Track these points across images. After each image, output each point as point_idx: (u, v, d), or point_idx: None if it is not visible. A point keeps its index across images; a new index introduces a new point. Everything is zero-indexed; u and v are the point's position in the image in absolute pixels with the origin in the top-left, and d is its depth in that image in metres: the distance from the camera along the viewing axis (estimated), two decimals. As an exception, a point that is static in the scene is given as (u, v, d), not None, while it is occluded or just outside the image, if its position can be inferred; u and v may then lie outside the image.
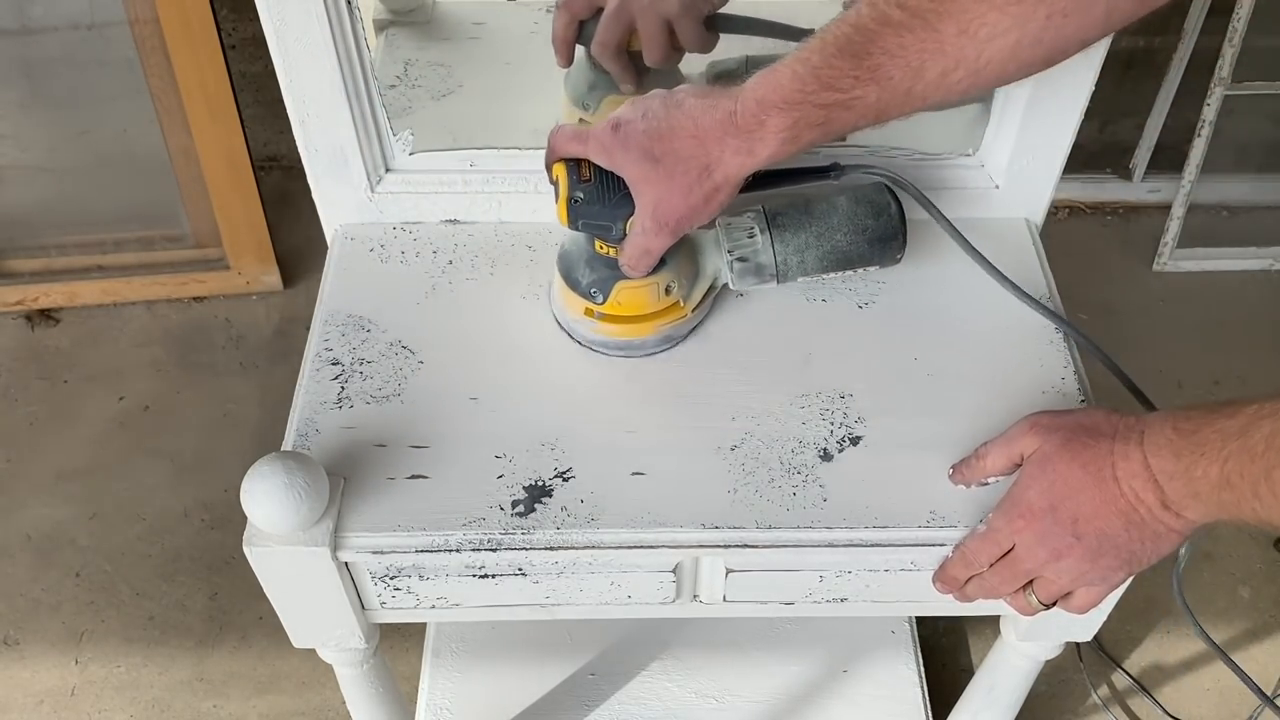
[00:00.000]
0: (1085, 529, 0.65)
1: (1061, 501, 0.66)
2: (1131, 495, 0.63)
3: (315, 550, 0.71)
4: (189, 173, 1.60)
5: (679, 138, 0.69)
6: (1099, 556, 0.66)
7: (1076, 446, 0.66)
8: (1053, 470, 0.66)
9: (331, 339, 0.84)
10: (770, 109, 0.67)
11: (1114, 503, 0.64)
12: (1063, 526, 0.66)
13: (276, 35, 0.77)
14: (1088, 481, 0.65)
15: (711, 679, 1.22)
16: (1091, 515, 0.65)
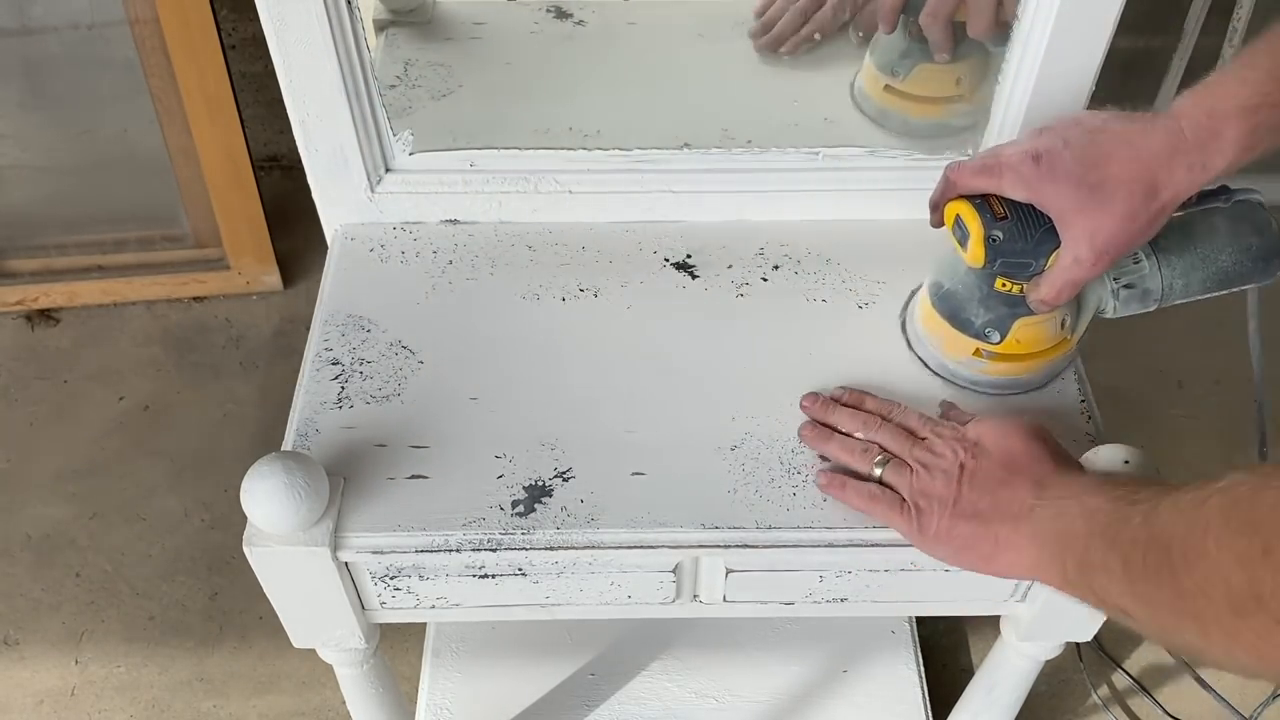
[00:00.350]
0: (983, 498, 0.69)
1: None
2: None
3: (315, 550, 0.71)
4: (189, 173, 1.60)
5: (1116, 162, 0.67)
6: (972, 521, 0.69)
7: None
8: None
9: (331, 339, 0.84)
10: (1226, 118, 0.65)
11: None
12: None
13: (276, 35, 0.77)
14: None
15: (711, 679, 1.22)
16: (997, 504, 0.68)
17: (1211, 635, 0.52)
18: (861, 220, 0.91)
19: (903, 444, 0.73)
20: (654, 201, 0.90)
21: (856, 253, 0.89)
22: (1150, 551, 0.56)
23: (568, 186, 0.89)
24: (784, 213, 0.91)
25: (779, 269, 0.89)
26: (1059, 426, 0.79)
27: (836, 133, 0.92)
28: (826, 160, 0.89)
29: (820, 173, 0.90)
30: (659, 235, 0.91)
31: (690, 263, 0.89)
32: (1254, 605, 0.49)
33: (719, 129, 0.92)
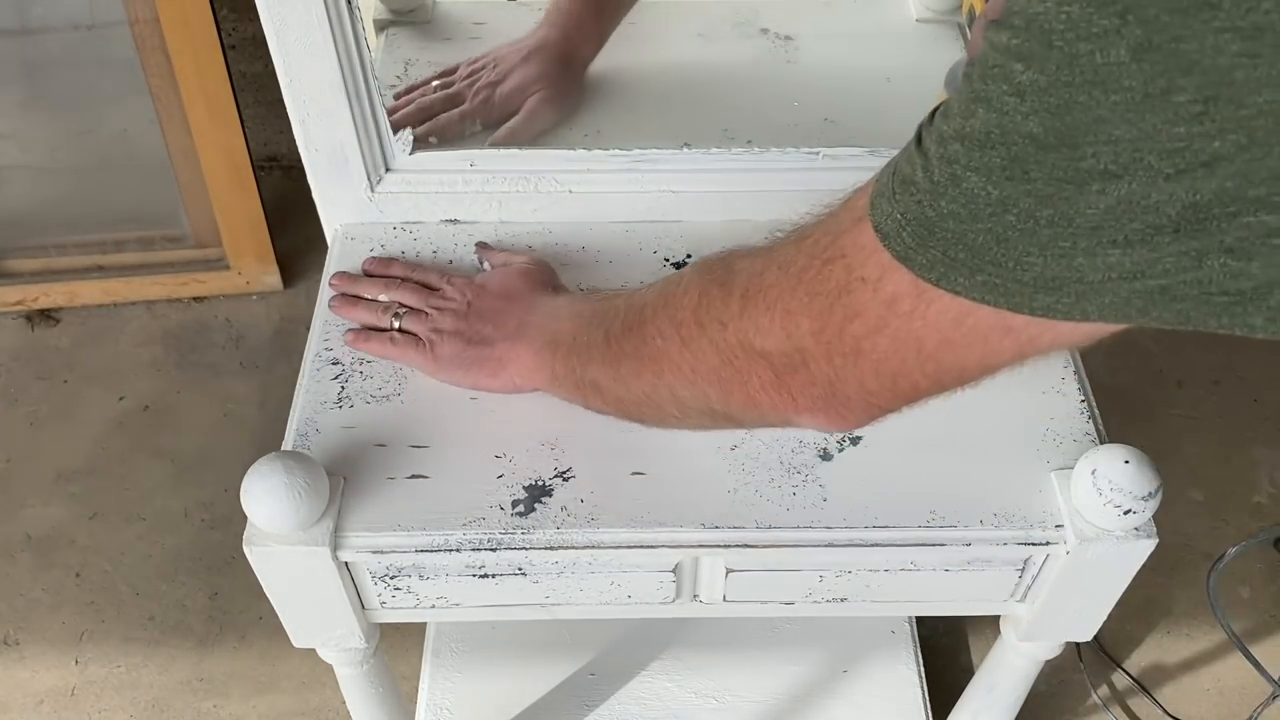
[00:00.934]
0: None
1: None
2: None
3: (315, 550, 0.71)
4: (189, 173, 1.60)
5: None
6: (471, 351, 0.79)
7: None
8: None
9: (331, 339, 0.84)
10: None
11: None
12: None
13: (276, 35, 0.77)
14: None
15: (711, 679, 1.22)
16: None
17: (665, 373, 0.61)
18: (861, 220, 0.91)
19: (419, 297, 0.82)
20: (654, 201, 0.90)
21: (856, 253, 0.89)
22: (628, 314, 0.65)
23: (568, 186, 0.89)
24: (784, 213, 0.91)
25: (779, 269, 0.89)
26: (1060, 426, 0.79)
27: (836, 133, 0.92)
28: (826, 160, 0.89)
29: (820, 173, 0.89)
30: (659, 235, 0.91)
31: (690, 263, 0.89)
32: (698, 330, 0.58)
33: (719, 129, 0.91)
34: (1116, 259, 0.39)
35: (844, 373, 0.51)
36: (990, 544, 0.74)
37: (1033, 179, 0.38)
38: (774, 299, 0.53)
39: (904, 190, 0.43)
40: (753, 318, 0.54)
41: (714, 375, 0.58)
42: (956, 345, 0.46)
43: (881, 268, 0.46)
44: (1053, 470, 0.76)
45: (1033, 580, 0.78)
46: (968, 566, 0.76)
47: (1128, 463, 0.70)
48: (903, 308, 0.46)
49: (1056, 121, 0.36)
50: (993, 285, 0.42)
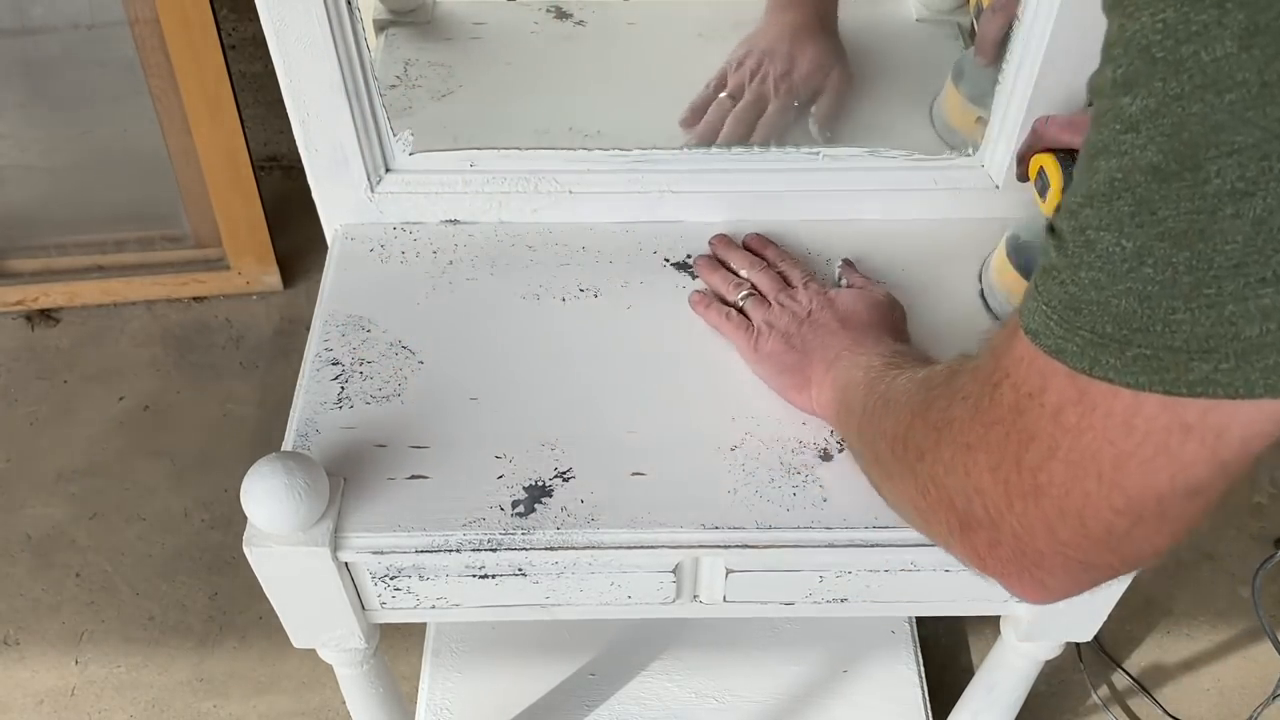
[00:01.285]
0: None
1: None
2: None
3: (315, 550, 0.71)
4: (189, 173, 1.60)
5: None
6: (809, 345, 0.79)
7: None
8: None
9: (331, 339, 0.84)
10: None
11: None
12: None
13: (276, 35, 0.77)
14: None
15: (711, 679, 1.22)
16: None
17: (884, 479, 0.61)
18: (861, 220, 0.91)
19: (772, 286, 0.83)
20: (654, 201, 0.90)
21: (857, 253, 0.89)
22: (881, 398, 0.63)
23: (568, 186, 0.89)
24: (784, 213, 0.91)
25: (779, 269, 0.89)
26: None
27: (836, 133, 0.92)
28: (826, 160, 0.89)
29: (820, 173, 0.90)
30: (659, 235, 0.91)
31: (690, 263, 0.89)
32: (903, 450, 0.55)
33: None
34: (1271, 301, 0.34)
35: (1027, 520, 0.44)
36: (990, 544, 0.74)
37: (1161, 218, 0.35)
38: (956, 433, 0.48)
39: (1045, 280, 0.40)
40: (939, 452, 0.50)
41: (913, 504, 0.54)
42: (1134, 460, 0.40)
43: (1042, 375, 0.41)
44: (1053, 470, 0.76)
45: (1033, 580, 0.78)
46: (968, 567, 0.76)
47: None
48: (1069, 420, 0.41)
49: (1174, 143, 0.34)
50: (1144, 359, 0.37)
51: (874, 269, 0.88)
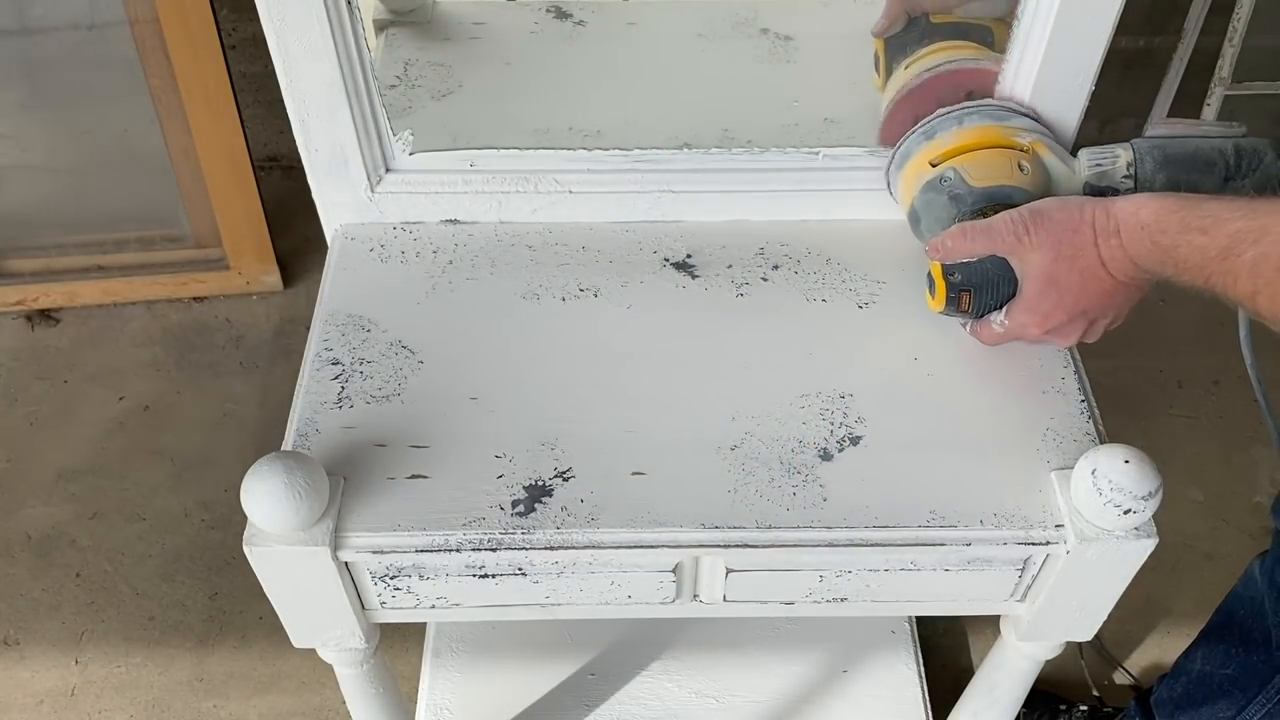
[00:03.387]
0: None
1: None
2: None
3: (315, 550, 0.71)
4: (189, 173, 1.60)
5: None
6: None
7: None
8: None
9: (331, 339, 0.84)
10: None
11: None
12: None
13: (276, 35, 0.77)
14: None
15: (711, 679, 1.22)
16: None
17: None
18: (861, 220, 0.91)
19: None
20: (654, 201, 0.90)
21: (856, 253, 0.89)
22: None
23: (568, 186, 0.89)
24: (784, 213, 0.91)
25: (779, 269, 0.89)
26: (1060, 426, 0.79)
27: (836, 133, 0.92)
28: (826, 160, 0.89)
29: (820, 173, 0.90)
30: (659, 235, 0.91)
31: (690, 263, 0.89)
32: None
33: (719, 129, 0.91)
34: None
35: None
36: (990, 544, 0.74)
37: None
38: None
39: None
40: None
41: None
42: None
43: None
44: (1053, 470, 0.76)
45: (1033, 580, 0.78)
46: (968, 566, 0.76)
47: (1128, 462, 0.70)
48: None
49: None
50: None
51: (873, 268, 0.88)
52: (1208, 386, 1.62)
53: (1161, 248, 0.70)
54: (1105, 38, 0.78)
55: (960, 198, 0.79)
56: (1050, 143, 0.82)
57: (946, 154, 0.81)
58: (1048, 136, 0.82)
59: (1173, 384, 1.61)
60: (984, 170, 0.79)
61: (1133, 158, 0.80)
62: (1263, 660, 0.99)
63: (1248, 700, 1.01)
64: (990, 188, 0.79)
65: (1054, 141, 0.82)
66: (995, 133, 0.81)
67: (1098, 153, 0.81)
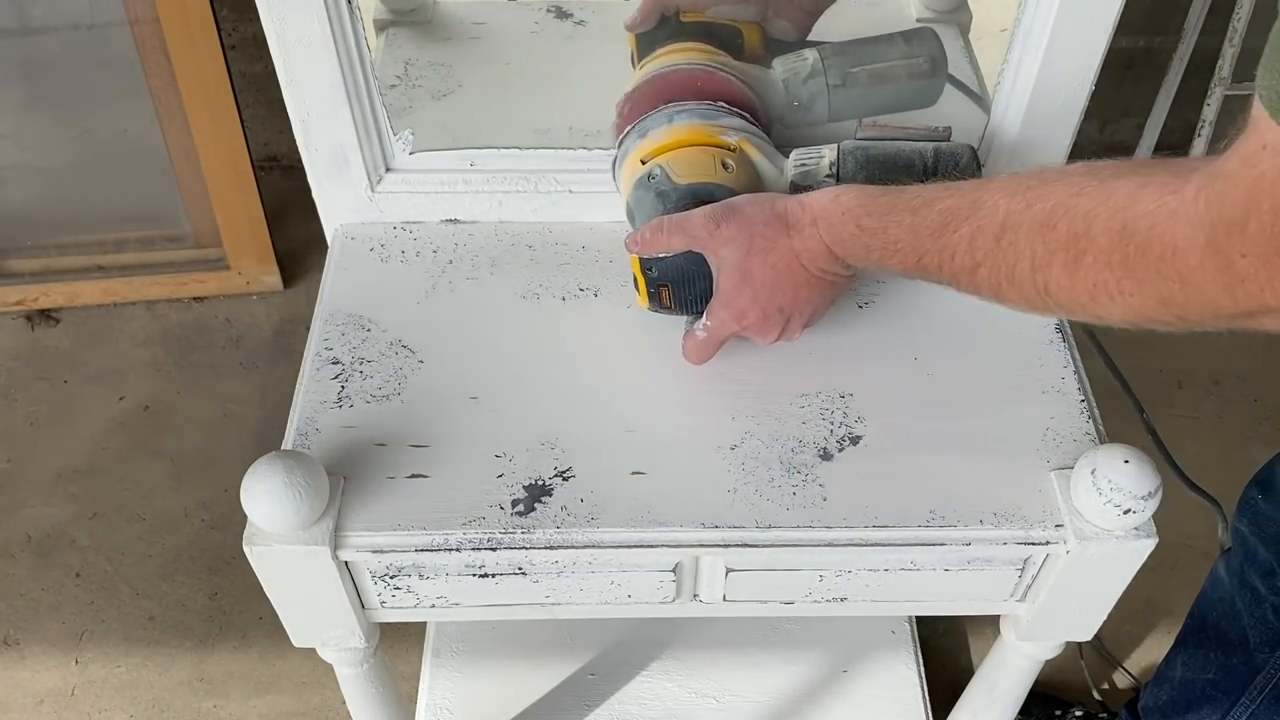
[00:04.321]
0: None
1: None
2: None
3: (315, 549, 0.71)
4: (189, 173, 1.61)
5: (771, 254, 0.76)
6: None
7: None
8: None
9: (331, 339, 0.84)
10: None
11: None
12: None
13: (276, 35, 0.77)
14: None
15: (711, 679, 1.22)
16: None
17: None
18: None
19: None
20: (654, 201, 0.90)
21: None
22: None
23: (568, 186, 0.89)
24: (784, 212, 0.91)
25: (779, 269, 0.89)
26: (1060, 426, 0.79)
27: (836, 132, 0.92)
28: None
29: (820, 172, 0.89)
30: (659, 235, 0.91)
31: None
32: None
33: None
34: None
35: None
36: (990, 544, 0.74)
37: None
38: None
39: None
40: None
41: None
42: None
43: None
44: (1052, 470, 0.76)
45: (1033, 580, 0.78)
46: (968, 566, 0.76)
47: (1127, 463, 0.70)
48: None
49: None
50: None
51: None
52: (1208, 386, 1.62)
53: (868, 230, 0.69)
54: (1105, 38, 0.78)
55: (666, 194, 0.79)
56: (760, 143, 0.82)
57: (655, 151, 0.81)
58: (758, 137, 0.82)
59: (1173, 384, 1.61)
60: (688, 167, 0.79)
61: (836, 157, 0.80)
62: (1242, 662, 0.99)
63: (1232, 703, 1.00)
64: (694, 185, 0.78)
65: (765, 142, 0.82)
66: (702, 131, 0.80)
67: (804, 153, 0.81)
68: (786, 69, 0.86)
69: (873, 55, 0.85)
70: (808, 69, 0.85)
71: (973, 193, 0.65)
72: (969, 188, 0.65)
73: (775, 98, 0.86)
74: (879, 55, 0.85)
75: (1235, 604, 0.99)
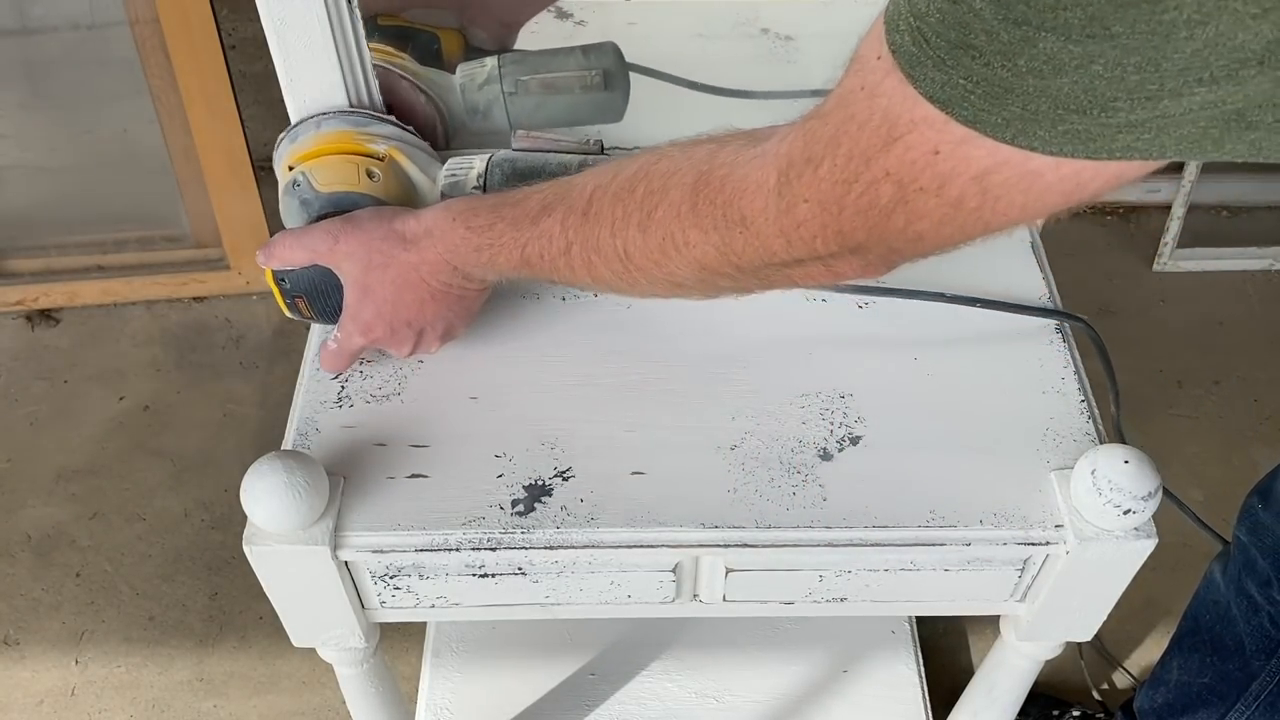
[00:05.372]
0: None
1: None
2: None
3: (315, 549, 0.71)
4: (189, 173, 1.61)
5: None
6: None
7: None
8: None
9: (331, 339, 0.83)
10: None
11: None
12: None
13: (276, 35, 0.77)
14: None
15: (711, 679, 1.22)
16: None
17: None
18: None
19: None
20: (654, 201, 0.90)
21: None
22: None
23: (568, 186, 0.89)
24: (784, 212, 0.91)
25: (779, 269, 0.89)
26: (1060, 426, 0.79)
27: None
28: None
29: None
30: (659, 235, 0.91)
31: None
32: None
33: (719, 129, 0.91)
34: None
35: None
36: (990, 544, 0.74)
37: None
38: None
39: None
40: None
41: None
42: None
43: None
44: (1052, 470, 0.76)
45: (1032, 580, 0.78)
46: (968, 566, 0.76)
47: (1127, 463, 0.70)
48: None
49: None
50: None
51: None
52: (1208, 386, 1.62)
53: (475, 229, 0.70)
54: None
55: (309, 203, 0.78)
56: (414, 151, 0.81)
57: (301, 158, 0.80)
58: (412, 145, 0.81)
59: (1173, 384, 1.61)
60: (330, 175, 0.78)
61: (484, 168, 0.80)
62: (1238, 668, 0.99)
63: (1228, 708, 1.01)
64: (336, 193, 0.77)
65: (420, 150, 0.81)
66: (348, 138, 0.79)
67: (456, 163, 0.81)
68: (464, 75, 0.85)
69: (548, 65, 0.85)
70: (484, 75, 0.85)
71: (569, 179, 0.66)
72: (566, 181, 0.67)
73: (454, 104, 0.86)
74: (554, 65, 0.85)
75: (1231, 610, 0.99)
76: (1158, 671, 1.13)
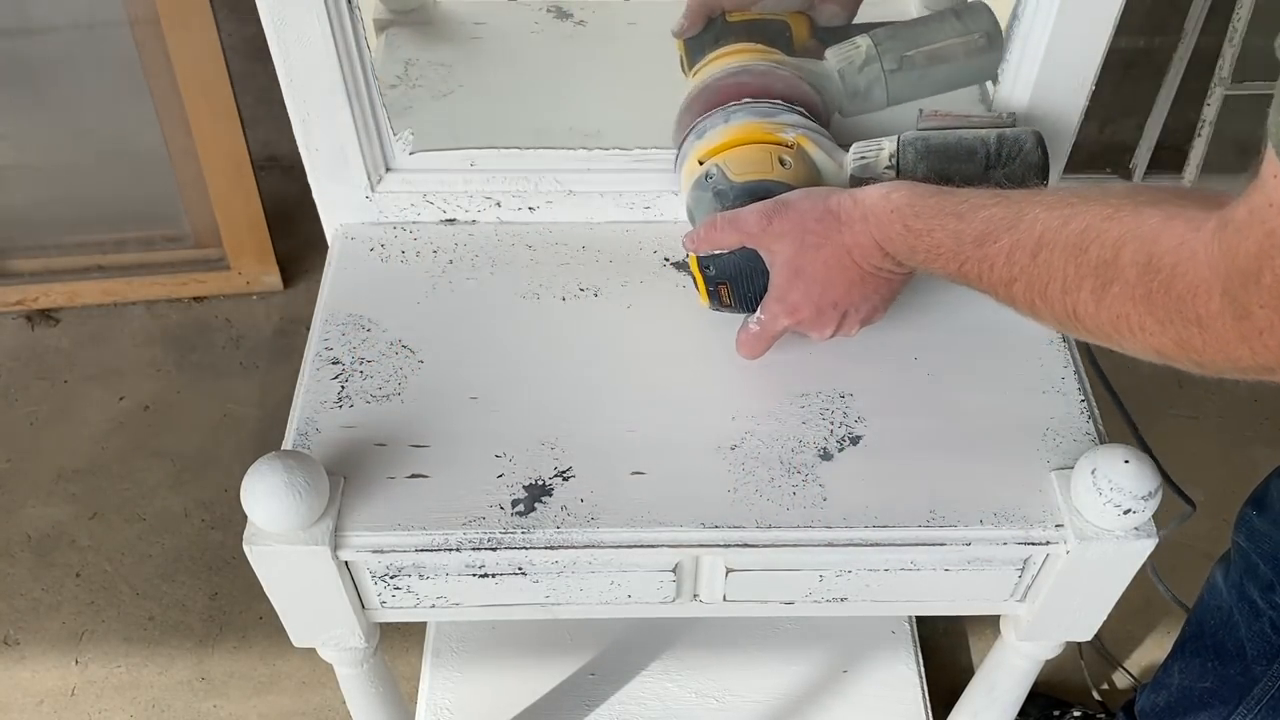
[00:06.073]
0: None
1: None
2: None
3: (315, 549, 0.71)
4: (189, 173, 1.61)
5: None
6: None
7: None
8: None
9: (331, 339, 0.84)
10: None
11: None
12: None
13: (276, 35, 0.77)
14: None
15: (711, 679, 1.22)
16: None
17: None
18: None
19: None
20: (654, 201, 0.90)
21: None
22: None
23: (568, 186, 0.89)
24: (784, 212, 0.91)
25: (779, 269, 0.89)
26: (1060, 426, 0.79)
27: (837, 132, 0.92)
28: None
29: (820, 172, 0.89)
30: (659, 235, 0.91)
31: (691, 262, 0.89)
32: None
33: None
34: None
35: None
36: (990, 544, 0.74)
37: None
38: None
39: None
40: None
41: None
42: None
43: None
44: (1052, 470, 0.76)
45: (1033, 580, 0.78)
46: (968, 566, 0.76)
47: (1127, 462, 0.70)
48: None
49: None
50: None
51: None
52: (1208, 386, 1.62)
53: (915, 232, 0.69)
54: (1105, 38, 0.78)
55: (723, 193, 0.79)
56: (818, 138, 0.81)
57: (712, 151, 0.80)
58: (816, 132, 0.81)
59: (1173, 384, 1.61)
60: (744, 165, 0.79)
61: (896, 149, 0.79)
62: (1239, 673, 0.99)
63: (1230, 712, 1.00)
64: (750, 182, 0.78)
65: (823, 137, 0.82)
66: (758, 128, 0.80)
67: (864, 146, 0.81)
68: (840, 59, 0.85)
69: (927, 36, 0.84)
70: (862, 57, 0.84)
71: (1017, 203, 0.64)
72: (1016, 197, 0.65)
73: (832, 89, 0.85)
74: (934, 35, 0.83)
75: (1233, 615, 0.99)
76: (1159, 675, 1.13)
